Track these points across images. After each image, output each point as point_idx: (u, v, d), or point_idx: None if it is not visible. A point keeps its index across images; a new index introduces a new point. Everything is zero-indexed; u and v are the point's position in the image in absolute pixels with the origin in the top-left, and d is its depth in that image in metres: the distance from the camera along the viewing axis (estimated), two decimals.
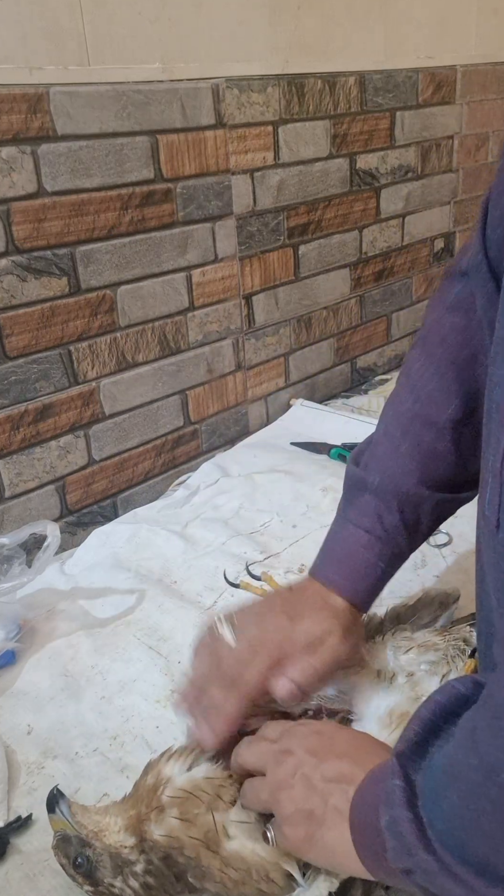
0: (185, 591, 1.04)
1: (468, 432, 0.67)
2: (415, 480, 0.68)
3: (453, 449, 0.67)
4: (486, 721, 0.42)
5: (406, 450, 0.68)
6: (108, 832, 0.60)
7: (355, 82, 1.47)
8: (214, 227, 1.30)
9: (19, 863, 0.68)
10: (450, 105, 1.73)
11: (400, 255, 1.75)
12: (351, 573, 0.69)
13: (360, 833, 0.50)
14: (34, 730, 0.83)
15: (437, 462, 0.68)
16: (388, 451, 0.69)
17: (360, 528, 0.69)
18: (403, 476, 0.68)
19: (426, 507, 0.68)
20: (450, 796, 0.42)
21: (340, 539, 0.71)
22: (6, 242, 1.03)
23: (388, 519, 0.68)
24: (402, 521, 0.68)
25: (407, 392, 0.70)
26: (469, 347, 0.66)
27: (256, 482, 1.28)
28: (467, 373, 0.66)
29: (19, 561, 0.95)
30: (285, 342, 1.53)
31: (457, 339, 0.67)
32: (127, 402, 1.25)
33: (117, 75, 1.09)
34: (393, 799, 0.45)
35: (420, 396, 0.68)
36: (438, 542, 1.09)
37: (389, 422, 0.71)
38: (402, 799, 0.45)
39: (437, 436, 0.67)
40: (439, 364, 0.68)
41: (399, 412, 0.70)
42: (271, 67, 1.31)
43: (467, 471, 0.69)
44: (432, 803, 0.44)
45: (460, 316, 0.67)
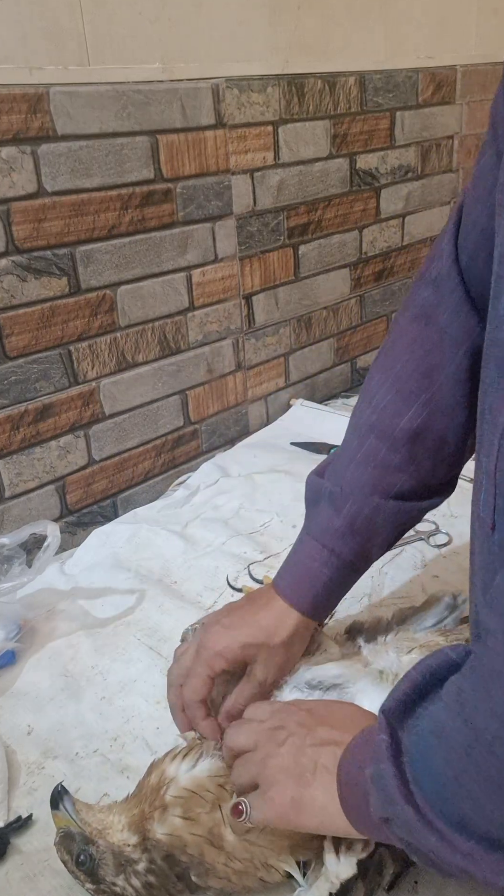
0: (185, 591, 1.04)
1: (425, 444, 0.67)
2: (367, 490, 0.68)
3: (408, 460, 0.67)
4: (471, 685, 0.43)
5: (361, 459, 0.68)
6: (111, 830, 0.60)
7: (355, 82, 1.47)
8: (214, 227, 1.30)
9: (19, 863, 0.68)
10: (450, 105, 1.72)
11: (400, 255, 1.75)
12: (296, 581, 0.70)
13: (346, 788, 0.52)
14: (34, 730, 0.83)
15: (390, 472, 0.67)
16: (345, 462, 0.70)
17: (310, 537, 0.70)
18: (356, 486, 0.68)
19: (381, 516, 0.68)
20: (435, 756, 0.44)
21: (295, 548, 0.72)
22: (6, 242, 1.03)
23: (337, 527, 0.68)
24: (349, 530, 0.68)
25: (365, 403, 0.70)
26: (428, 359, 0.66)
27: (256, 482, 1.28)
28: (426, 384, 0.66)
29: (19, 561, 0.95)
30: (285, 342, 1.53)
31: (417, 351, 0.66)
32: (127, 402, 1.25)
33: (117, 75, 1.09)
34: (379, 753, 0.47)
35: (377, 408, 0.68)
36: (438, 542, 1.09)
37: (349, 433, 0.72)
38: (386, 753, 0.46)
39: (392, 447, 0.67)
40: (398, 375, 0.67)
41: (357, 424, 0.71)
42: (271, 67, 1.31)
43: (424, 482, 0.69)
44: (418, 761, 0.45)
45: (421, 327, 0.66)
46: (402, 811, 0.45)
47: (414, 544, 1.09)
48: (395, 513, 0.69)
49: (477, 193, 0.61)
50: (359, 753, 0.51)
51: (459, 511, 1.17)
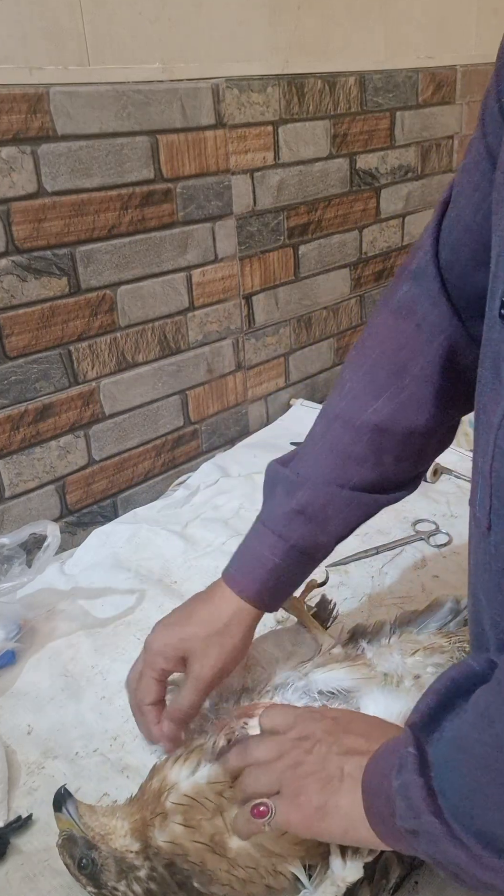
0: (185, 591, 1.04)
1: (389, 438, 0.66)
2: (325, 479, 0.67)
3: (371, 453, 0.66)
4: (498, 700, 0.42)
5: (322, 448, 0.68)
6: (114, 836, 0.60)
7: (355, 82, 1.47)
8: (214, 227, 1.30)
9: (19, 863, 0.68)
10: (450, 105, 1.73)
11: (400, 255, 1.75)
12: (242, 567, 0.70)
13: (371, 797, 0.51)
14: (34, 730, 0.83)
15: (350, 463, 0.67)
16: (307, 449, 0.69)
17: (260, 522, 0.70)
18: (315, 473, 0.67)
19: (335, 505, 0.67)
20: (460, 769, 0.44)
21: (247, 535, 0.71)
22: (6, 242, 1.03)
23: (288, 513, 0.67)
24: (302, 516, 0.67)
25: (336, 392, 0.69)
26: (402, 353, 0.65)
27: (256, 482, 1.28)
28: (396, 378, 0.65)
29: (19, 561, 0.95)
30: (285, 342, 1.53)
31: (391, 344, 0.66)
32: (127, 402, 1.25)
33: (117, 75, 1.09)
34: (405, 765, 0.47)
35: (345, 398, 0.67)
36: (438, 542, 1.09)
37: (316, 420, 0.71)
38: (413, 765, 0.46)
39: (354, 437, 0.66)
40: (371, 367, 0.67)
41: (324, 411, 0.70)
42: (271, 67, 1.31)
43: (386, 475, 0.68)
44: (443, 774, 0.45)
45: (399, 320, 0.66)
46: (428, 823, 0.44)
47: (414, 544, 1.09)
48: (351, 503, 0.68)
49: (462, 188, 0.60)
50: (384, 764, 0.51)
51: (459, 511, 1.17)
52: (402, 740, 0.48)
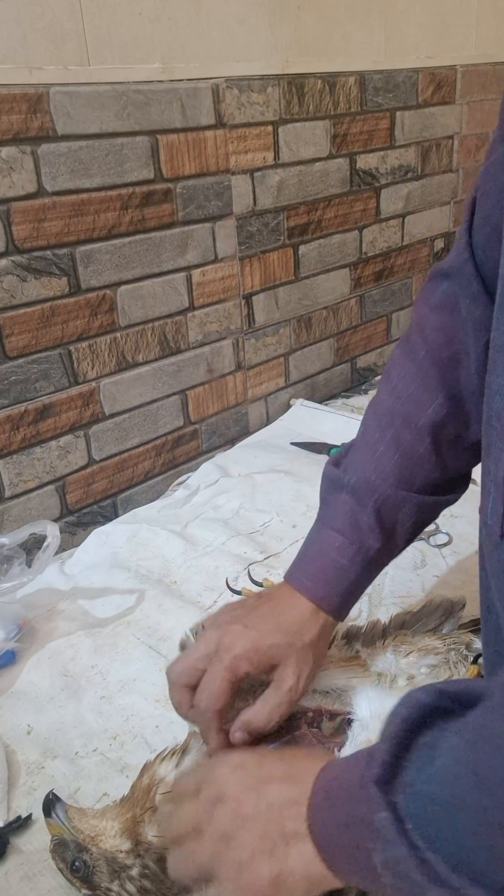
0: (185, 591, 1.04)
1: (448, 434, 0.65)
2: (392, 481, 0.65)
3: (433, 450, 0.65)
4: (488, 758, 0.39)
5: (384, 450, 0.66)
6: (104, 837, 0.59)
7: (355, 82, 1.47)
8: (214, 227, 1.30)
9: (19, 863, 0.68)
10: (450, 105, 1.73)
11: (400, 255, 1.75)
12: (321, 576, 0.65)
13: (334, 853, 0.46)
14: (34, 730, 0.83)
15: (415, 463, 0.65)
16: (366, 453, 0.67)
17: (333, 530, 0.66)
18: (380, 477, 0.65)
19: (405, 510, 0.66)
20: (454, 827, 0.40)
21: (314, 541, 0.68)
22: (6, 242, 1.03)
23: (364, 521, 0.65)
24: (378, 524, 0.65)
25: (387, 393, 0.68)
26: (452, 347, 0.64)
27: (256, 482, 1.28)
28: (449, 374, 0.64)
29: (19, 561, 0.95)
30: (285, 342, 1.53)
31: (439, 340, 0.65)
32: (127, 402, 1.25)
33: (117, 75, 1.09)
34: (386, 834, 0.41)
35: (400, 396, 0.66)
36: (438, 542, 1.09)
37: (369, 423, 0.69)
38: (394, 832, 0.41)
39: (417, 437, 0.65)
40: (421, 364, 0.66)
41: (378, 413, 0.68)
42: (271, 67, 1.31)
43: (447, 473, 0.67)
44: (429, 829, 0.41)
45: (444, 316, 0.65)
46: (438, 893, 0.40)
47: (414, 544, 1.09)
48: (419, 507, 0.66)
49: (487, 188, 0.60)
50: (336, 811, 0.45)
51: (459, 511, 1.16)
52: (368, 802, 0.43)
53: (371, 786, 0.43)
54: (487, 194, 0.61)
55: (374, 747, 0.44)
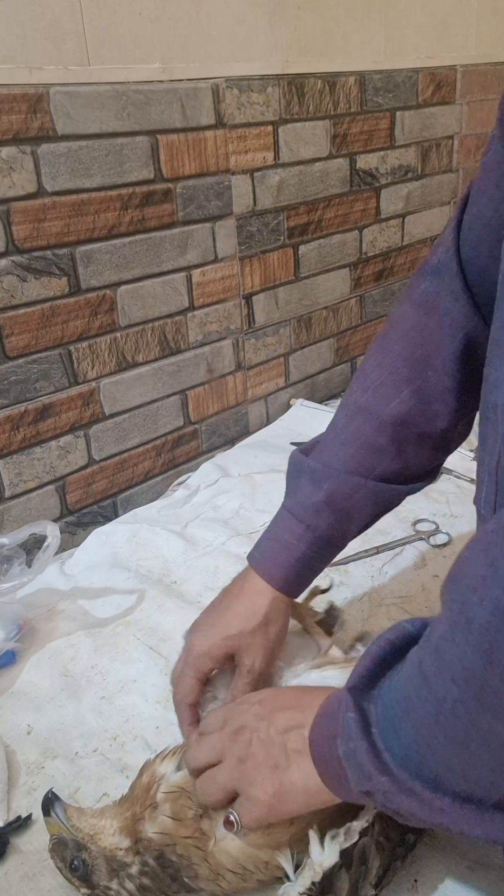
0: (185, 591, 1.04)
1: (411, 429, 0.67)
2: (350, 469, 0.68)
3: (393, 444, 0.68)
4: (430, 657, 0.45)
5: (345, 439, 0.69)
6: (103, 835, 0.60)
7: (355, 82, 1.47)
8: (214, 227, 1.30)
9: (19, 863, 0.68)
10: (450, 105, 1.73)
11: (400, 255, 1.75)
12: (270, 554, 0.71)
13: (322, 764, 0.52)
14: (34, 730, 0.83)
15: (375, 454, 0.68)
16: (331, 442, 0.71)
17: (288, 512, 0.71)
18: (339, 463, 0.69)
19: (360, 494, 0.69)
20: (405, 725, 0.46)
21: (273, 523, 0.73)
22: (6, 242, 1.03)
23: (315, 501, 0.69)
24: (327, 505, 0.69)
25: (358, 384, 0.71)
26: (425, 346, 0.66)
27: (256, 482, 1.28)
28: (418, 372, 0.66)
29: (19, 561, 0.95)
30: (285, 342, 1.53)
31: (414, 337, 0.67)
32: (127, 402, 1.25)
33: (117, 75, 1.09)
34: (349, 731, 0.48)
35: (367, 390, 0.69)
36: (438, 542, 1.09)
37: (338, 414, 0.72)
38: (356, 730, 0.47)
39: (378, 429, 0.68)
40: (393, 359, 0.68)
41: (346, 403, 0.71)
42: (271, 67, 1.31)
43: (409, 467, 0.69)
44: (388, 731, 0.47)
45: (422, 314, 0.67)
46: (379, 783, 0.47)
47: (414, 544, 1.09)
48: (375, 493, 0.69)
49: (482, 186, 0.61)
50: (326, 729, 0.52)
51: (459, 511, 1.17)
52: (342, 705, 0.50)
53: (345, 693, 0.50)
54: (482, 191, 0.62)
55: (359, 663, 0.51)
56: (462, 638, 0.41)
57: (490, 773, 0.43)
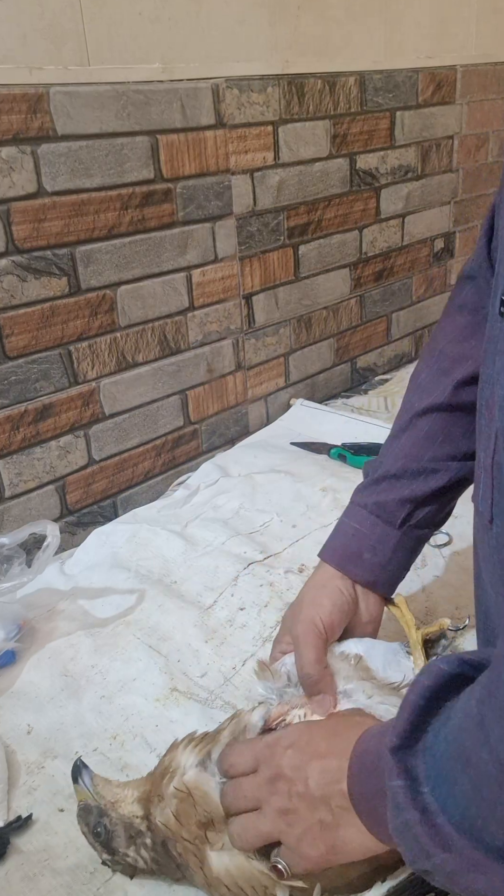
0: (185, 591, 1.04)
1: (457, 415, 0.71)
2: (402, 454, 0.72)
3: (440, 430, 0.71)
4: (494, 713, 0.40)
5: (400, 437, 0.74)
6: (123, 803, 0.62)
7: (355, 82, 1.47)
8: (214, 227, 1.30)
9: (19, 863, 0.68)
10: (450, 105, 1.73)
11: (400, 255, 1.75)
12: (331, 538, 0.75)
13: (372, 824, 0.50)
14: (34, 730, 0.83)
15: (424, 440, 0.72)
16: (391, 441, 0.75)
17: (350, 502, 0.75)
18: (390, 455, 0.73)
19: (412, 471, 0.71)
20: (462, 782, 0.41)
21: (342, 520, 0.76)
22: (6, 242, 1.03)
23: (368, 483, 0.74)
24: (378, 485, 0.73)
25: (411, 387, 0.76)
26: (470, 342, 0.70)
27: (256, 482, 1.28)
28: (461, 365, 0.70)
29: (19, 561, 0.95)
30: (285, 342, 1.53)
31: (458, 336, 0.71)
32: (127, 402, 1.25)
33: (117, 75, 1.09)
34: (398, 801, 0.43)
35: (417, 390, 0.74)
36: (438, 542, 1.09)
37: (397, 416, 0.76)
38: (406, 799, 0.43)
39: (422, 419, 0.72)
40: (438, 357, 0.73)
41: (403, 407, 0.76)
42: (271, 67, 1.31)
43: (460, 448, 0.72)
44: (443, 788, 0.42)
45: (465, 316, 0.71)
46: (442, 861, 0.42)
47: None
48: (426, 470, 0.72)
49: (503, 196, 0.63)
50: (367, 786, 0.49)
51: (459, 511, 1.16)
52: (386, 770, 0.45)
53: (386, 755, 0.45)
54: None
55: (397, 717, 0.47)
56: None
57: None
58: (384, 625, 0.81)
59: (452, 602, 0.97)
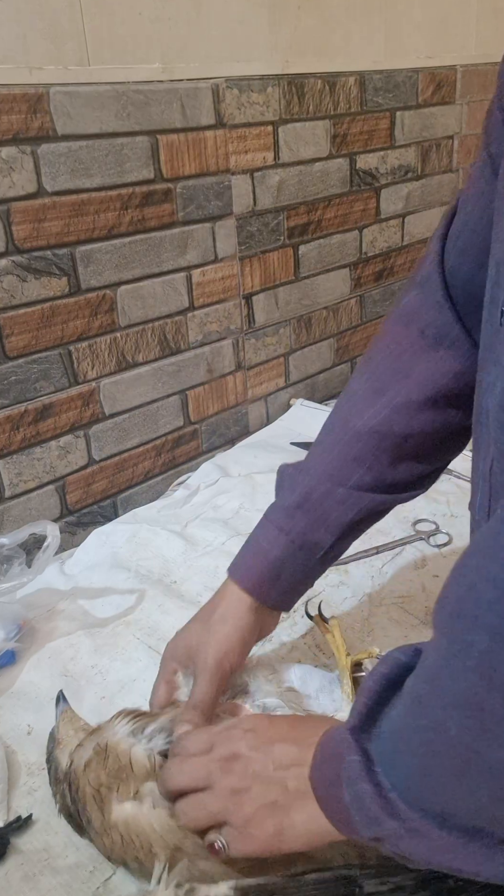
0: (184, 591, 1.04)
1: (386, 441, 0.68)
2: (324, 475, 0.69)
3: (367, 454, 0.68)
4: (426, 684, 0.43)
5: (325, 448, 0.71)
6: (63, 746, 0.65)
7: (355, 82, 1.47)
8: (214, 227, 1.30)
9: (19, 863, 0.68)
10: (450, 105, 1.73)
11: (400, 255, 1.75)
12: (245, 559, 0.73)
13: (328, 807, 0.51)
14: (34, 730, 0.83)
15: (350, 463, 0.69)
16: (314, 450, 0.73)
17: (264, 517, 0.73)
18: (316, 470, 0.70)
19: (333, 500, 0.69)
20: (405, 757, 0.44)
21: (253, 529, 0.74)
22: (6, 242, 1.03)
23: (288, 506, 0.71)
24: (299, 509, 0.70)
25: (342, 396, 0.73)
26: (405, 358, 0.67)
27: (256, 482, 1.28)
28: (396, 383, 0.67)
29: (19, 561, 0.95)
30: (285, 342, 1.53)
31: (395, 349, 0.68)
32: (127, 402, 1.25)
33: (117, 75, 1.09)
34: (352, 774, 0.46)
35: (349, 401, 0.71)
36: (438, 542, 1.09)
37: (324, 424, 0.74)
38: (360, 772, 0.46)
39: (353, 439, 0.69)
40: (374, 371, 0.69)
41: (331, 415, 0.73)
42: (271, 67, 1.31)
43: (384, 477, 0.69)
44: (390, 765, 0.45)
45: (404, 326, 0.67)
46: (389, 828, 0.45)
47: (414, 544, 1.09)
48: (348, 499, 0.69)
49: (469, 193, 0.62)
50: (329, 772, 0.50)
51: (459, 511, 1.17)
52: (344, 746, 0.48)
53: (345, 734, 0.48)
54: (468, 199, 0.62)
55: (356, 701, 0.50)
56: (460, 663, 0.40)
57: (494, 804, 0.42)
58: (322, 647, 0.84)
59: None
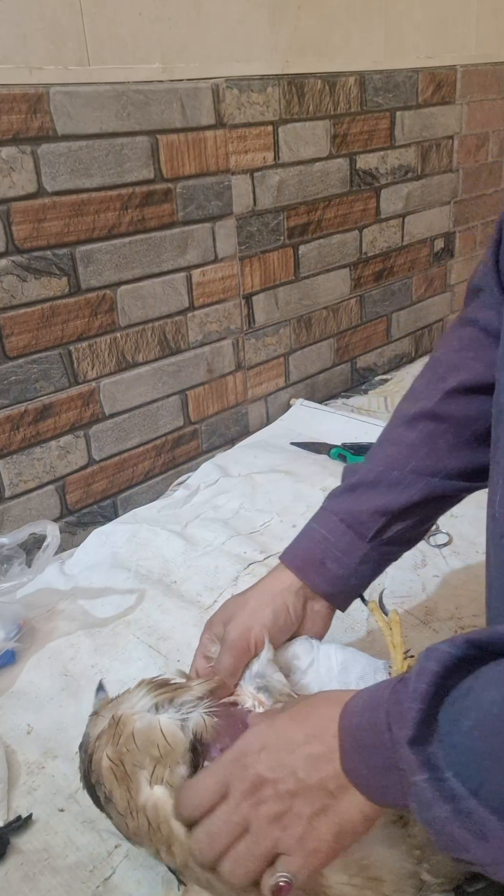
0: (184, 590, 1.04)
1: (443, 425, 0.68)
2: (379, 463, 0.70)
3: (426, 439, 0.69)
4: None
5: (382, 439, 0.72)
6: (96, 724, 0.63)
7: (355, 82, 1.47)
8: (214, 227, 1.30)
9: (19, 863, 0.68)
10: (450, 105, 1.73)
11: (400, 255, 1.75)
12: (295, 541, 0.72)
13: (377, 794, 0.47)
14: (34, 730, 0.83)
15: (405, 449, 0.69)
16: (373, 446, 0.73)
17: (321, 507, 0.73)
18: (373, 459, 0.71)
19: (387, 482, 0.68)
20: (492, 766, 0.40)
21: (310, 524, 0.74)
22: (6, 242, 1.03)
23: (341, 490, 0.71)
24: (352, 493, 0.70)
25: (404, 394, 0.74)
26: (463, 352, 0.69)
27: (256, 482, 1.28)
28: (454, 373, 0.69)
29: (19, 561, 0.95)
30: (285, 342, 1.53)
31: (455, 346, 0.71)
32: (127, 402, 1.25)
33: (117, 75, 1.09)
34: (425, 798, 0.42)
35: (409, 393, 0.73)
36: (438, 542, 1.09)
37: (389, 421, 0.75)
38: (434, 793, 0.41)
39: (410, 425, 0.70)
40: (433, 366, 0.72)
41: (394, 411, 0.74)
42: (271, 67, 1.31)
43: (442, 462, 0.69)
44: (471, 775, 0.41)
45: (465, 328, 0.71)
46: (482, 851, 0.41)
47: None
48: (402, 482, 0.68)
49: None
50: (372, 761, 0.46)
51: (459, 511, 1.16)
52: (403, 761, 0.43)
53: (404, 748, 0.43)
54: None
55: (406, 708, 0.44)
56: None
57: None
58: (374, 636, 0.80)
59: (452, 602, 0.97)
